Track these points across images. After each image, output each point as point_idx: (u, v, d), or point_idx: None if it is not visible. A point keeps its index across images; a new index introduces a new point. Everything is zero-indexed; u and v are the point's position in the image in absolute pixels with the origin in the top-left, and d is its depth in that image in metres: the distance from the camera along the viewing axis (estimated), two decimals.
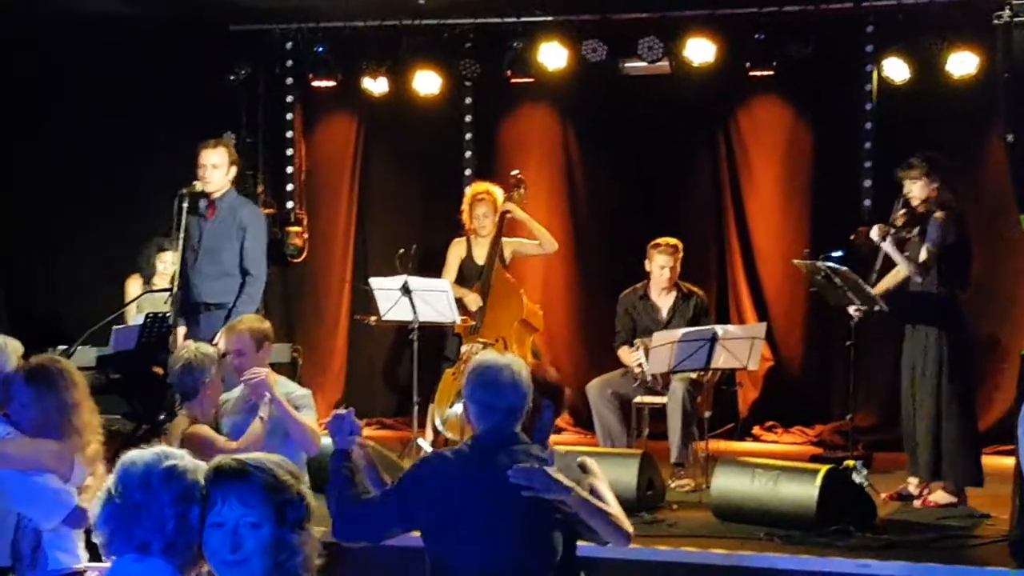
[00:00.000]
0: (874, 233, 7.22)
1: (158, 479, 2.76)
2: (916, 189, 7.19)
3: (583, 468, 4.25)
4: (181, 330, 7.37)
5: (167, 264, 8.71)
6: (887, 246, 7.16)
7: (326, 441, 4.67)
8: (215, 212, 7.42)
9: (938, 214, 7.14)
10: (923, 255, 7.14)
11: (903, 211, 7.21)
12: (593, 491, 4.12)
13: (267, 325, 5.87)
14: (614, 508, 4.15)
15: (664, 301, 8.24)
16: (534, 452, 4.05)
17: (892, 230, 7.14)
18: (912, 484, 7.34)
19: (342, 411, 4.14)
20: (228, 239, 7.39)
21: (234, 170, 7.53)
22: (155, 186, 9.14)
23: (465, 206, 8.65)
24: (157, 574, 2.72)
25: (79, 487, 4.47)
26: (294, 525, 2.71)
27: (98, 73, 9.81)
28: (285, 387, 5.66)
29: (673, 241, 8.21)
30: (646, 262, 8.24)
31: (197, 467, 2.80)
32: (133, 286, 8.87)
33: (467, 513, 3.96)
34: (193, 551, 2.74)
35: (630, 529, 4.15)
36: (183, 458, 2.82)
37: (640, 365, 7.80)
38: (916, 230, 7.21)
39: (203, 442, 5.13)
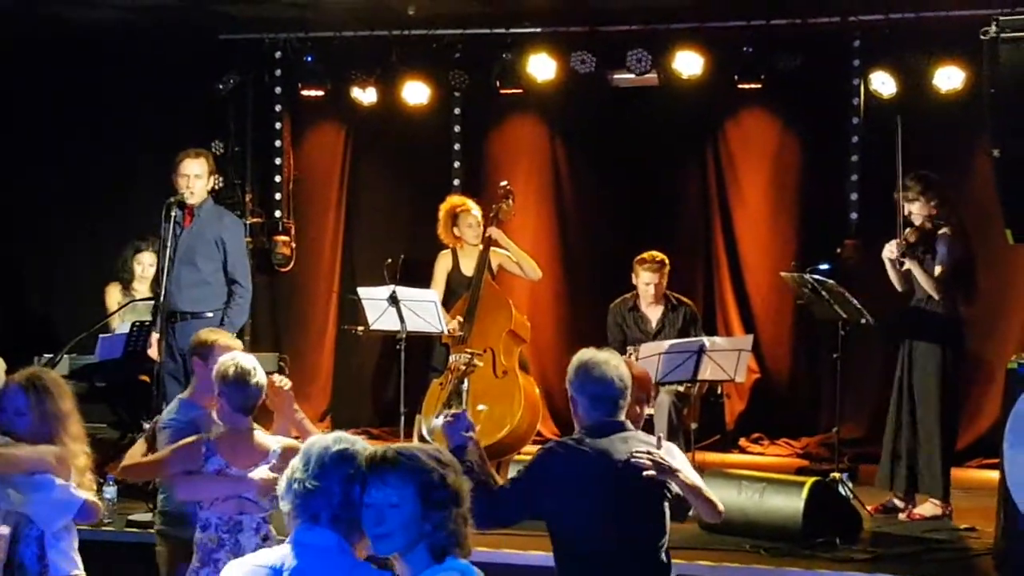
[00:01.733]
0: (892, 251, 7.21)
1: (331, 460, 3.22)
2: (916, 208, 7.21)
3: (668, 453, 4.54)
4: (155, 337, 7.35)
5: (144, 267, 8.68)
6: (911, 264, 7.17)
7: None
8: (192, 221, 7.42)
9: (944, 230, 7.17)
10: (937, 271, 7.16)
11: (910, 228, 7.23)
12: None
13: None
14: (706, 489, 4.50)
15: (653, 312, 8.26)
16: (642, 438, 4.40)
17: (906, 245, 7.16)
18: (898, 497, 7.36)
19: (456, 411, 4.45)
20: (205, 247, 7.40)
21: (212, 179, 7.56)
22: (144, 194, 9.15)
23: (443, 220, 8.62)
24: (324, 540, 3.19)
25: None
26: (437, 504, 3.11)
27: (88, 81, 9.82)
28: None
29: (659, 256, 8.21)
30: (632, 275, 8.25)
31: (364, 451, 3.25)
32: (112, 293, 8.83)
33: (590, 497, 4.26)
34: (356, 524, 3.18)
35: (722, 507, 4.52)
36: (355, 443, 3.28)
37: None
38: (922, 248, 7.23)
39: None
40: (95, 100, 9.86)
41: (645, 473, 4.23)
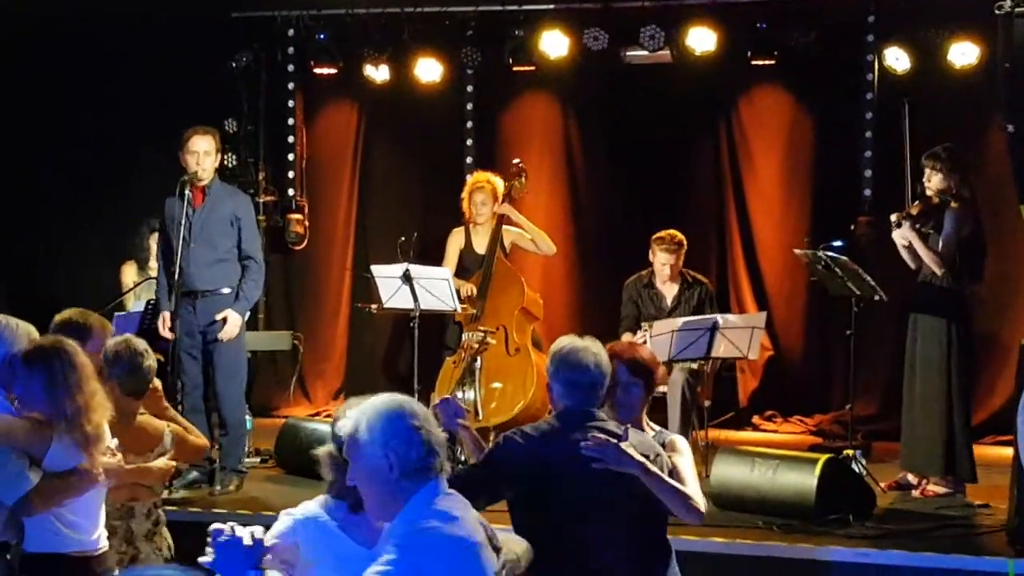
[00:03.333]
0: (894, 228, 7.21)
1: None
2: (936, 180, 7.18)
3: (670, 446, 4.42)
4: (166, 315, 7.37)
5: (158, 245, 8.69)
6: (910, 234, 7.14)
7: None
8: (203, 199, 7.43)
9: (954, 205, 7.13)
10: (940, 246, 7.14)
11: (917, 201, 7.21)
12: (673, 468, 4.27)
13: None
14: (689, 487, 4.26)
15: (669, 290, 8.25)
16: (609, 428, 4.16)
17: (907, 216, 7.15)
18: (911, 474, 7.35)
19: (447, 396, 4.42)
20: (221, 226, 7.40)
21: (220, 157, 7.58)
22: (155, 172, 9.13)
23: (464, 195, 8.66)
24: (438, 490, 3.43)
25: (68, 469, 4.37)
26: None
27: (99, 58, 9.80)
28: None
29: (678, 237, 8.19)
30: (649, 253, 8.24)
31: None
32: (128, 272, 8.85)
33: (548, 488, 4.09)
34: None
35: (702, 508, 4.25)
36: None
37: (644, 343, 7.80)
38: (931, 223, 7.20)
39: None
40: (104, 79, 9.84)
41: (594, 465, 4.01)
